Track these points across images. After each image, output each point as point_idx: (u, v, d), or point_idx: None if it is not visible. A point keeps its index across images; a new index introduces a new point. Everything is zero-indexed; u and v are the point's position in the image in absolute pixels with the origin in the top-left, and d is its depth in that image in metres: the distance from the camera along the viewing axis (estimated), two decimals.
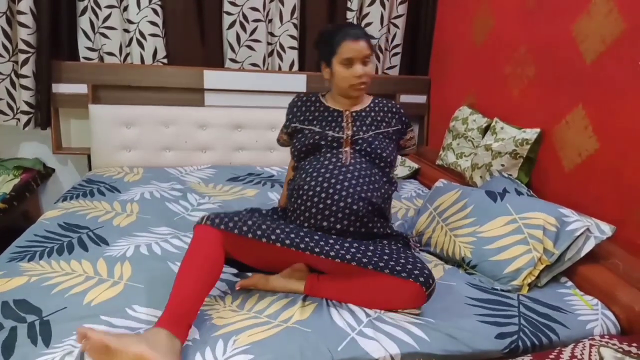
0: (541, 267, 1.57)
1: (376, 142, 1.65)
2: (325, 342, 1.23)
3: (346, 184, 1.52)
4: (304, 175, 1.60)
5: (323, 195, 1.51)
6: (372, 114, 1.72)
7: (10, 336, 1.18)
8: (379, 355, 1.22)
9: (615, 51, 1.67)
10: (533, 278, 1.56)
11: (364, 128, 1.68)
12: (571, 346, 1.24)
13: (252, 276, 1.47)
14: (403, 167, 2.80)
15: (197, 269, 1.29)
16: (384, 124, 1.72)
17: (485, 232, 1.68)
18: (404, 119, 1.77)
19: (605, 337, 1.28)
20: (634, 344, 1.21)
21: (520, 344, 1.32)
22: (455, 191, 1.90)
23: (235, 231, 1.34)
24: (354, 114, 1.70)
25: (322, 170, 1.57)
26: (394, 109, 1.76)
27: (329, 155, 1.62)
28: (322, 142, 1.64)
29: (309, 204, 1.52)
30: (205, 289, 1.29)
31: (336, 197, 1.50)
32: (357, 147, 1.63)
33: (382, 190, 1.60)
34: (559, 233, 1.60)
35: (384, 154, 1.64)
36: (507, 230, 1.64)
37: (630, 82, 1.62)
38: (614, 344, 1.22)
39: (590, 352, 1.19)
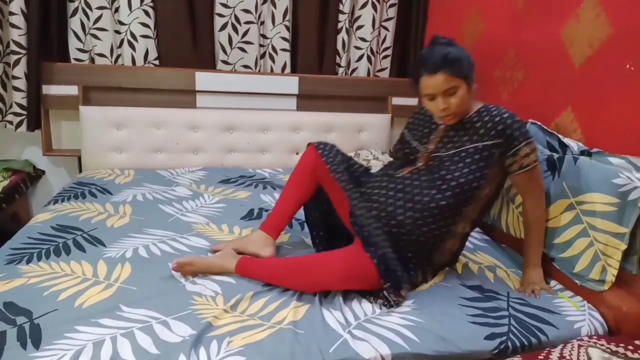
0: (618, 255, 1.47)
1: (447, 163, 1.52)
2: (318, 344, 1.24)
3: (383, 191, 1.57)
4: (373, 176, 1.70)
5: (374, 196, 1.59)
6: (468, 125, 1.54)
7: None
8: (369, 355, 1.23)
9: (603, 55, 1.70)
10: (614, 272, 1.48)
11: (449, 145, 1.55)
12: (560, 347, 1.26)
13: (190, 257, 1.58)
14: None
15: (291, 189, 1.72)
16: (476, 138, 1.51)
17: (549, 220, 1.65)
18: (508, 131, 1.47)
19: (594, 337, 1.30)
20: (622, 344, 1.23)
21: (509, 344, 1.33)
22: None
23: (323, 159, 1.65)
24: (448, 127, 1.58)
25: (379, 177, 1.65)
26: (497, 119, 1.48)
27: (398, 166, 1.65)
28: (401, 155, 1.70)
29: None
30: (295, 205, 1.72)
31: (375, 206, 1.56)
32: (430, 164, 1.56)
33: (420, 214, 1.49)
34: (622, 208, 1.46)
35: (449, 176, 1.49)
36: (568, 220, 1.60)
37: (617, 85, 1.64)
38: (602, 344, 1.23)
39: (578, 352, 1.21)
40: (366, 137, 2.96)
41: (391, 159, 1.80)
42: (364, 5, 2.86)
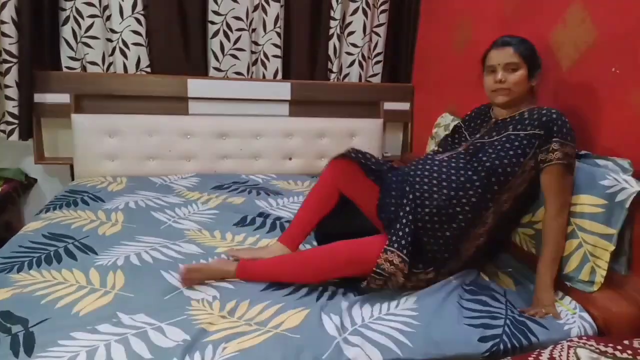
0: (606, 256, 1.48)
1: (486, 147, 1.58)
2: (312, 349, 1.24)
3: (419, 172, 1.61)
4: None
5: (408, 177, 1.62)
6: (517, 118, 1.60)
7: None
8: None
9: (589, 58, 1.72)
10: (603, 272, 1.49)
11: (494, 134, 1.62)
12: (550, 348, 1.26)
13: (197, 263, 1.63)
14: None
15: (311, 202, 1.76)
16: (520, 127, 1.56)
17: (538, 222, 1.64)
18: (550, 124, 1.50)
19: (583, 338, 1.31)
20: (610, 345, 1.24)
21: (501, 346, 1.34)
22: None
23: (352, 155, 1.73)
24: (499, 121, 1.66)
25: (417, 160, 1.70)
26: (544, 112, 1.54)
27: (441, 150, 1.77)
28: (445, 144, 1.79)
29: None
30: (315, 217, 1.74)
31: (409, 183, 1.59)
32: (471, 149, 1.63)
33: (455, 192, 1.53)
34: (610, 209, 1.48)
35: (484, 158, 1.55)
36: None
37: (603, 87, 1.66)
38: (591, 345, 1.24)
39: (568, 353, 1.22)
40: (359, 142, 2.97)
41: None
42: (354, 12, 2.89)
